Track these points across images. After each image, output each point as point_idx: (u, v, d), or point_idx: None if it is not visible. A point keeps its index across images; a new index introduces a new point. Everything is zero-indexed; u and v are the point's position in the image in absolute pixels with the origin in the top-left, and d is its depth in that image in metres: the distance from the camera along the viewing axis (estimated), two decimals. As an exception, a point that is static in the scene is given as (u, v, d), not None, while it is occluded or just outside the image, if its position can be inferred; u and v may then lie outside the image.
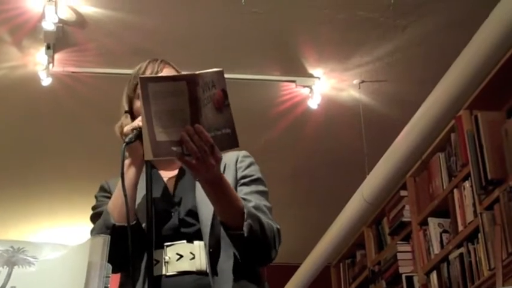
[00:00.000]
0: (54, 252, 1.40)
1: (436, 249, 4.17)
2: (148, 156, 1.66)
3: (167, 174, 1.99)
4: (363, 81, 4.55)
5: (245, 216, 1.76)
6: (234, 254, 1.83)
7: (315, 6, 3.92)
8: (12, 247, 1.38)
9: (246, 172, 1.97)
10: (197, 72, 1.64)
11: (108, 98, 4.58)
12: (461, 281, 3.85)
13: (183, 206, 1.90)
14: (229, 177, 1.92)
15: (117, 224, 1.81)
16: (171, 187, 1.96)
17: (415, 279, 4.43)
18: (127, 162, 1.85)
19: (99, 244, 1.37)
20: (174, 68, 2.01)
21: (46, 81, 4.22)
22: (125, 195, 1.73)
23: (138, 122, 1.81)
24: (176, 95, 1.61)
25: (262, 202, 1.91)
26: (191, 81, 1.61)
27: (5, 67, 4.28)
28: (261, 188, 1.96)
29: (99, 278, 1.33)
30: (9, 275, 1.34)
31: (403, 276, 4.51)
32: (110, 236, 1.37)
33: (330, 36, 4.15)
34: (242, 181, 1.95)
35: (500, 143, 3.52)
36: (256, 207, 1.86)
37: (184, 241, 1.85)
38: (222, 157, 1.69)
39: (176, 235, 1.85)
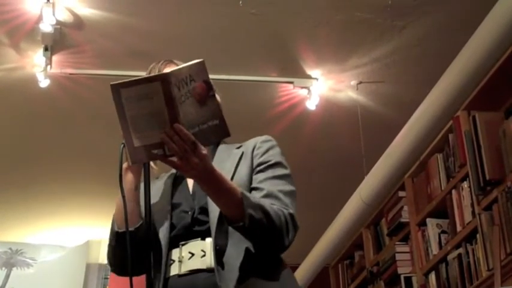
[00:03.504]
0: (53, 254, 1.40)
1: (434, 249, 4.16)
2: (130, 162, 1.65)
3: None
4: (360, 82, 4.55)
5: (244, 206, 1.72)
6: (247, 248, 1.79)
7: (313, 8, 3.93)
8: (10, 249, 1.38)
9: (263, 158, 1.94)
10: (169, 70, 1.61)
11: (106, 100, 4.59)
12: (459, 281, 3.85)
13: (197, 203, 1.88)
14: (244, 167, 1.91)
15: (119, 230, 1.81)
16: (190, 185, 1.95)
17: (414, 279, 4.42)
18: (125, 165, 1.84)
19: (97, 245, 1.38)
20: (177, 66, 1.97)
21: (44, 82, 4.22)
22: (123, 196, 1.73)
23: None
24: (151, 97, 1.58)
25: (277, 187, 1.87)
26: (164, 80, 1.57)
27: (3, 69, 4.28)
28: (278, 172, 1.93)
29: (97, 279, 1.34)
30: (7, 277, 1.35)
31: (402, 276, 4.50)
32: (112, 239, 1.33)
33: (328, 37, 4.15)
34: (258, 168, 1.92)
35: (498, 143, 3.52)
36: (268, 195, 1.83)
37: (199, 239, 1.83)
38: (206, 153, 1.65)
39: (190, 233, 1.84)
